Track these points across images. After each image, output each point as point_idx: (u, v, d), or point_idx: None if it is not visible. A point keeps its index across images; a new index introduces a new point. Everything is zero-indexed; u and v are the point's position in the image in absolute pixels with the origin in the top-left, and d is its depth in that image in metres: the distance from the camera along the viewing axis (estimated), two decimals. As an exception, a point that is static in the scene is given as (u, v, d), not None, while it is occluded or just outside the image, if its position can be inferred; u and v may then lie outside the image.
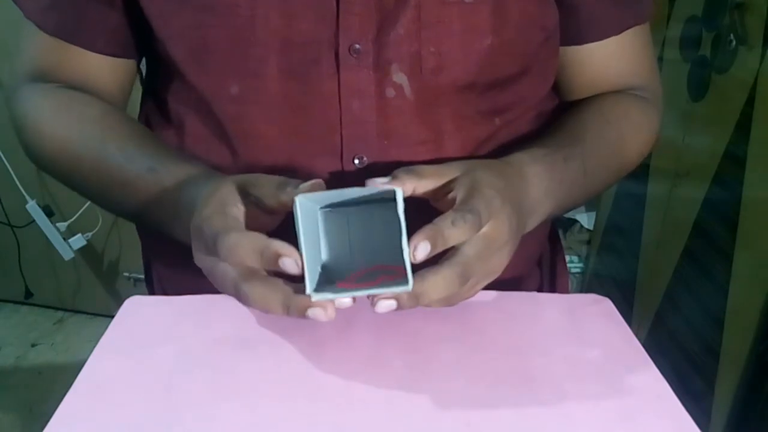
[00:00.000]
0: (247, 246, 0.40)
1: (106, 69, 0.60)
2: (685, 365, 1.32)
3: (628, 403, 0.43)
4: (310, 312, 0.39)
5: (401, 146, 0.55)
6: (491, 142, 0.58)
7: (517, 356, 0.47)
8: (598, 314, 0.52)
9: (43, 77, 0.59)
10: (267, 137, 0.55)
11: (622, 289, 1.66)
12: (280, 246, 0.39)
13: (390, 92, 0.53)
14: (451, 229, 0.40)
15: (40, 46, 0.59)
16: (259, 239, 0.40)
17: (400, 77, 0.53)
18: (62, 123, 0.57)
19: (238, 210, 0.44)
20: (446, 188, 0.45)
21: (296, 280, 0.40)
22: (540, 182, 0.51)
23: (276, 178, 0.45)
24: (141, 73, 0.66)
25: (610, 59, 0.63)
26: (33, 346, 1.91)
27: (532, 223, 0.52)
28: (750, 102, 1.14)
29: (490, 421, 0.41)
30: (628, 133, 0.62)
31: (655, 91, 0.66)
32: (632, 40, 0.62)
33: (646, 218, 1.55)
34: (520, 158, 0.52)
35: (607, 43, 0.61)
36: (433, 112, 0.55)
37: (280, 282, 0.40)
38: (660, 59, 1.42)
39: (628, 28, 0.61)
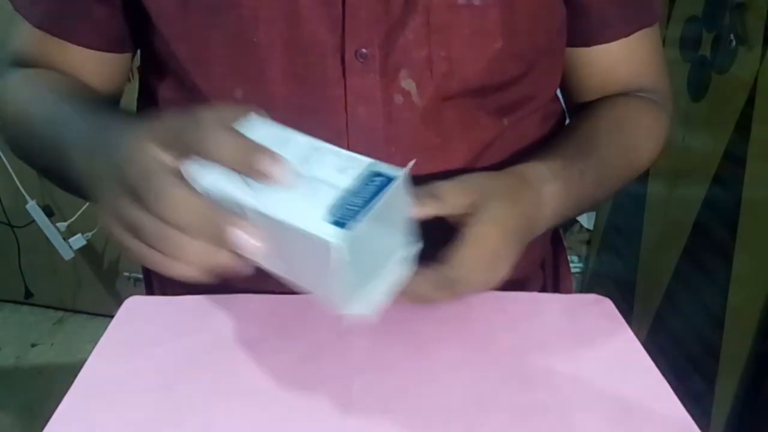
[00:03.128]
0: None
1: (94, 63, 0.59)
2: (685, 365, 1.32)
3: (629, 403, 0.43)
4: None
5: (408, 152, 0.54)
6: (498, 145, 0.58)
7: (517, 356, 0.47)
8: (598, 314, 0.52)
9: (28, 67, 0.59)
10: None
11: (622, 289, 1.65)
12: None
13: (398, 99, 0.52)
14: (436, 293, 0.43)
15: (27, 38, 0.59)
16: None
17: (408, 83, 0.52)
18: (24, 91, 0.56)
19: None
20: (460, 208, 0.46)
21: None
22: (554, 202, 0.51)
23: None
24: (139, 73, 0.65)
25: (619, 61, 0.62)
26: (33, 346, 1.91)
27: (536, 236, 0.51)
28: (750, 102, 1.14)
29: (490, 422, 0.41)
30: (640, 139, 0.62)
31: (664, 93, 0.66)
32: (642, 41, 0.62)
33: (646, 218, 1.55)
34: (541, 174, 0.51)
35: (616, 45, 0.61)
36: (440, 117, 0.54)
37: None
38: (660, 59, 1.42)
39: (637, 30, 0.61)
